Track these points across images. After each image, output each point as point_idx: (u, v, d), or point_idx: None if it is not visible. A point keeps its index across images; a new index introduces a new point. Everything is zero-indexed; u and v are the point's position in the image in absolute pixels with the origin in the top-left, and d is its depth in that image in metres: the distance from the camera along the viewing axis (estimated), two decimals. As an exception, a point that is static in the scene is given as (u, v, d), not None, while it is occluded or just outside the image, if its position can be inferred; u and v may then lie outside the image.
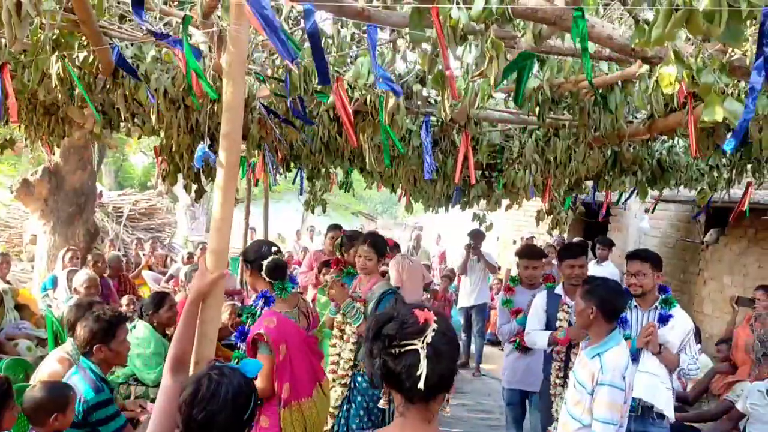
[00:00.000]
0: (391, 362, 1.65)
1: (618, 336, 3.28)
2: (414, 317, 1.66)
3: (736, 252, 7.95)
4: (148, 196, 14.39)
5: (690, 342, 3.91)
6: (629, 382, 3.16)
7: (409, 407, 1.68)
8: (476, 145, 4.80)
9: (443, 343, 1.66)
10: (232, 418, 1.97)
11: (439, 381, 1.64)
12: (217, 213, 2.25)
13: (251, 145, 4.89)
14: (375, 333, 1.70)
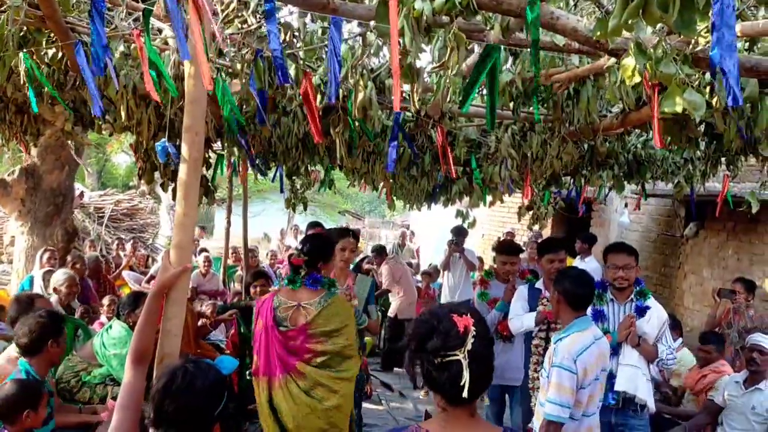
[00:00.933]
0: (434, 372, 1.74)
1: (583, 324, 3.34)
2: (455, 328, 1.73)
3: (715, 245, 8.02)
4: (130, 197, 14.30)
5: (666, 332, 3.97)
6: (587, 369, 3.19)
7: (452, 408, 1.78)
8: (453, 141, 4.80)
9: (482, 347, 1.75)
10: (203, 411, 1.97)
11: (481, 383, 1.74)
12: (180, 208, 2.24)
13: (228, 143, 4.88)
14: (418, 345, 1.77)
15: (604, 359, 3.37)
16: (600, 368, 3.29)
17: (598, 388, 3.31)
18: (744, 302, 6.32)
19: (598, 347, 3.30)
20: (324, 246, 3.92)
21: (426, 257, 13.53)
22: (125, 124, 3.82)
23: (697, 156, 4.93)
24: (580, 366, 3.18)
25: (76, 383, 4.31)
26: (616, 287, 3.96)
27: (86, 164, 16.76)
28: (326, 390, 3.68)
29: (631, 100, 3.32)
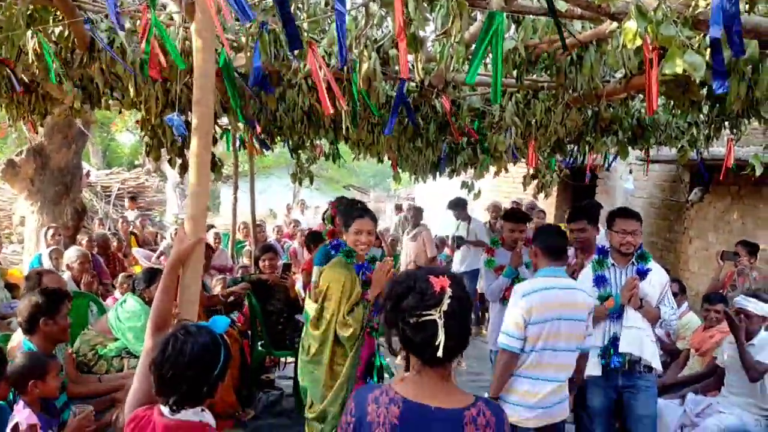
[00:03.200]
0: (410, 332, 1.75)
1: (550, 272, 3.57)
2: (431, 288, 1.74)
3: (720, 209, 8.04)
4: (136, 175, 14.37)
5: (667, 294, 4.03)
6: (533, 309, 3.40)
7: (426, 368, 1.79)
8: (457, 110, 4.82)
9: (458, 308, 1.74)
10: (200, 374, 2.04)
11: (456, 344, 1.75)
12: (193, 179, 2.30)
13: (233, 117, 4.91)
14: (393, 305, 1.79)
15: (561, 308, 3.45)
16: (553, 314, 3.42)
17: (548, 330, 3.42)
18: (747, 264, 6.37)
19: (555, 294, 3.46)
20: (345, 212, 4.17)
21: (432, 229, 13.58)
22: (133, 100, 3.86)
23: (700, 120, 4.94)
24: (526, 303, 3.41)
25: (93, 356, 4.42)
26: (622, 252, 4.00)
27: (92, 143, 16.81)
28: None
29: (634, 64, 3.34)
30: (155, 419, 2.04)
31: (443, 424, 1.74)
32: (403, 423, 1.75)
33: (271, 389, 6.36)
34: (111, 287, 6.79)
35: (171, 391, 2.02)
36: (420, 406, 1.76)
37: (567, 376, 3.57)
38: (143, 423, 2.06)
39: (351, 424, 1.81)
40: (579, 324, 3.56)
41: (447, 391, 1.80)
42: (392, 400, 1.78)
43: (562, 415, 3.61)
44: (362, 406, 1.80)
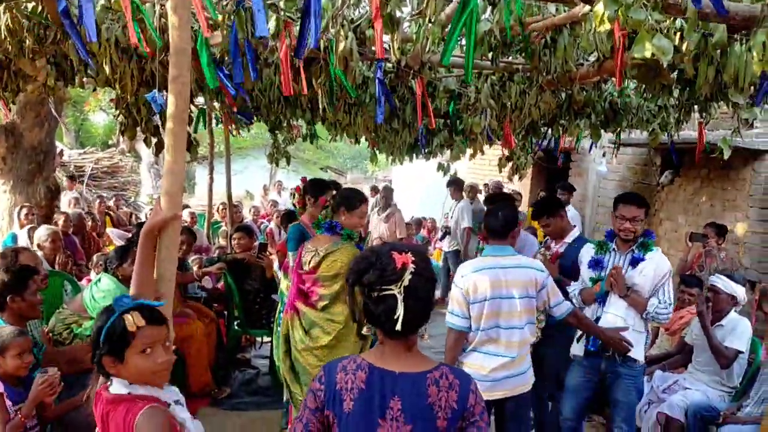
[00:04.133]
0: (371, 305, 1.81)
1: (494, 251, 3.64)
2: (392, 264, 1.80)
3: (689, 192, 8.20)
4: (110, 155, 14.20)
5: (665, 286, 3.93)
6: (473, 288, 3.47)
7: (389, 340, 1.86)
8: (433, 92, 4.86)
9: (420, 283, 1.81)
10: (93, 351, 2.10)
11: (416, 319, 1.82)
12: (169, 156, 2.31)
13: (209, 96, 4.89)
14: (355, 279, 1.85)
15: (500, 286, 3.50)
16: (492, 293, 3.48)
17: (489, 308, 3.48)
18: (715, 246, 6.53)
19: (494, 273, 3.50)
20: (349, 195, 4.13)
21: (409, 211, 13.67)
22: (108, 77, 3.83)
23: (670, 104, 5.02)
24: (466, 282, 3.49)
25: (68, 335, 4.41)
26: (622, 238, 3.99)
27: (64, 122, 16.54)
28: (320, 330, 3.99)
29: (606, 48, 3.39)
30: (103, 393, 2.08)
31: (407, 386, 1.81)
32: (369, 387, 1.82)
33: (247, 368, 6.40)
34: (86, 268, 6.75)
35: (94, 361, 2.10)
36: (385, 371, 1.84)
37: (519, 352, 3.59)
38: (98, 397, 2.10)
39: (321, 391, 1.88)
40: (525, 301, 3.57)
41: (411, 357, 1.88)
42: (359, 366, 1.86)
43: (518, 389, 3.64)
44: (332, 375, 1.88)
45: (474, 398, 1.85)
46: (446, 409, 1.79)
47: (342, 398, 1.83)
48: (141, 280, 2.31)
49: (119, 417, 1.99)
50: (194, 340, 5.34)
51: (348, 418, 1.81)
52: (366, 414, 1.80)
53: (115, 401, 2.03)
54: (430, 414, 1.79)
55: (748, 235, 7.10)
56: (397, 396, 1.80)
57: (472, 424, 1.82)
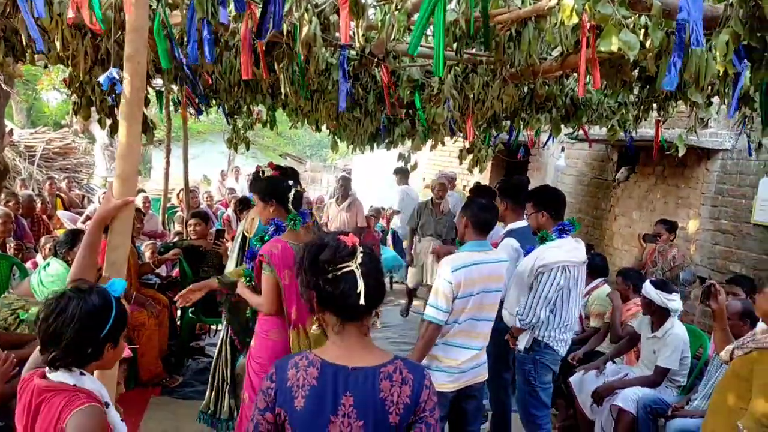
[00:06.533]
0: (329, 287, 1.78)
1: (477, 246, 3.66)
2: (343, 242, 1.80)
3: (644, 189, 8.35)
4: (62, 135, 13.77)
5: (535, 284, 3.96)
6: (462, 283, 3.48)
7: (345, 326, 1.83)
8: (396, 81, 4.80)
9: (371, 262, 1.82)
10: (82, 334, 1.96)
11: (374, 296, 1.81)
12: (123, 138, 2.22)
13: (167, 78, 4.75)
14: (311, 261, 1.81)
15: (487, 281, 3.59)
16: (478, 288, 3.54)
17: (472, 303, 3.55)
18: (667, 242, 6.67)
19: (480, 269, 3.56)
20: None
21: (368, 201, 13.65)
22: (60, 55, 3.68)
23: (630, 100, 5.09)
24: (455, 277, 3.48)
25: (14, 321, 4.27)
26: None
27: (15, 101, 15.99)
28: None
29: (570, 42, 3.38)
30: (35, 380, 1.98)
31: (360, 381, 1.79)
32: (321, 384, 1.79)
33: (201, 356, 6.30)
34: (33, 251, 6.54)
35: (50, 347, 1.95)
36: (338, 366, 1.81)
37: (483, 344, 3.72)
38: (26, 385, 2.00)
39: (272, 389, 1.83)
40: (498, 294, 3.74)
41: (365, 350, 1.85)
42: (311, 362, 1.82)
43: (478, 378, 3.77)
44: (283, 372, 1.83)
45: (427, 393, 1.82)
46: (399, 404, 1.77)
47: (293, 395, 1.79)
48: (82, 267, 2.22)
49: (53, 408, 1.90)
50: (145, 328, 5.22)
51: (299, 416, 1.78)
52: (317, 411, 1.77)
53: (51, 390, 1.94)
54: (382, 409, 1.76)
55: (700, 231, 7.27)
56: (349, 392, 1.77)
57: (420, 420, 1.79)
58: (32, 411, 1.93)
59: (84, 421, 1.86)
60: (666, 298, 4.77)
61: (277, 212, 3.70)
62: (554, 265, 3.89)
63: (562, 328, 4.04)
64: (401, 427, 1.78)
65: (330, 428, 1.76)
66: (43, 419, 1.90)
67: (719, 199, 7.06)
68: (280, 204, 3.69)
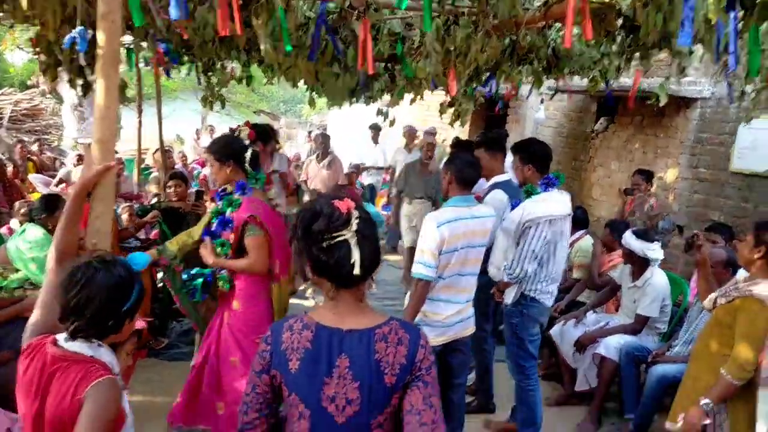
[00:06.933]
0: (323, 256, 1.74)
1: (462, 201, 3.65)
2: (337, 211, 1.75)
3: (623, 139, 8.38)
4: (29, 96, 13.38)
5: (523, 238, 3.97)
6: (447, 239, 3.48)
7: (340, 291, 1.80)
8: (377, 34, 4.69)
9: (367, 227, 1.77)
10: (106, 305, 1.94)
11: (370, 264, 1.77)
12: (101, 101, 2.13)
13: (138, 35, 4.60)
14: (304, 231, 1.77)
15: (472, 236, 3.60)
16: (462, 242, 3.55)
17: (457, 258, 3.56)
18: (646, 192, 6.73)
19: (465, 224, 3.57)
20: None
21: (347, 157, 13.54)
22: (26, 13, 3.52)
23: (612, 51, 5.03)
24: (440, 233, 3.48)
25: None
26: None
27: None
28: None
29: (555, -8, 3.33)
30: (47, 348, 1.95)
31: (354, 343, 1.78)
32: (315, 346, 1.78)
33: (184, 317, 6.27)
34: (6, 216, 6.40)
35: (72, 317, 1.93)
36: (332, 329, 1.79)
37: (468, 298, 3.76)
38: (36, 351, 1.96)
39: (267, 352, 1.83)
40: (482, 249, 3.74)
41: (360, 313, 1.83)
42: (306, 325, 1.81)
43: (464, 332, 3.81)
44: (278, 335, 1.83)
45: (423, 353, 1.81)
46: (394, 364, 1.77)
47: (288, 358, 1.79)
48: (66, 239, 2.15)
49: (69, 377, 1.88)
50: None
51: (294, 378, 1.78)
52: (312, 373, 1.77)
53: (67, 360, 1.91)
54: (377, 370, 1.76)
55: (679, 180, 7.34)
56: (344, 353, 1.77)
57: (417, 378, 1.79)
58: (44, 379, 1.91)
59: (105, 394, 1.86)
60: (646, 248, 4.82)
61: (234, 173, 3.65)
62: (541, 218, 3.89)
63: (548, 281, 4.07)
64: (397, 388, 1.77)
65: (325, 390, 1.76)
66: (58, 388, 1.88)
67: (698, 148, 7.10)
68: (237, 164, 3.64)
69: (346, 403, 1.75)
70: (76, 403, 1.83)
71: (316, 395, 1.76)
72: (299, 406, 1.79)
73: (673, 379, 4.23)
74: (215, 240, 3.67)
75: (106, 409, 1.84)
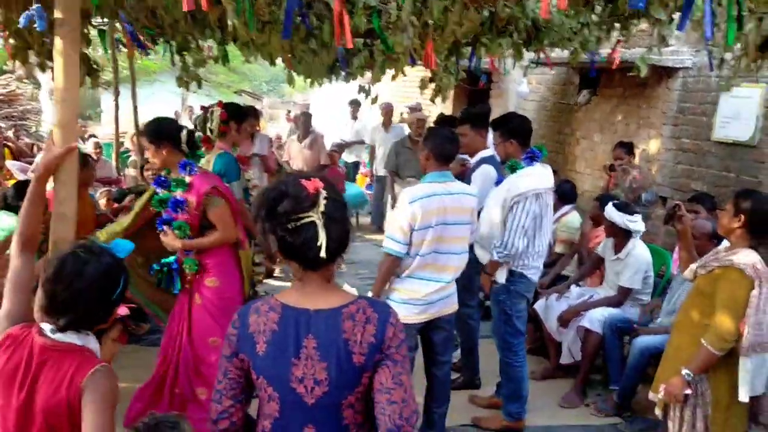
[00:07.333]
0: (289, 237, 1.69)
1: (438, 177, 3.61)
2: (304, 191, 1.69)
3: (606, 111, 8.34)
4: (5, 81, 13.13)
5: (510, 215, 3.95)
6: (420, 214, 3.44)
7: (308, 273, 1.77)
8: (352, 9, 4.60)
9: (335, 208, 1.72)
10: (98, 297, 1.93)
11: (337, 245, 1.73)
12: (60, 82, 2.06)
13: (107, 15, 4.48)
14: (268, 211, 1.71)
15: (446, 212, 3.53)
16: (437, 219, 3.50)
17: (432, 234, 3.51)
18: (628, 164, 6.72)
19: (440, 200, 3.52)
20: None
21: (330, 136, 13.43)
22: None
23: (593, 21, 4.97)
24: (413, 209, 3.45)
25: (-33, 276, 4.12)
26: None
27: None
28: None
29: (531, -40, 3.26)
30: (34, 338, 1.92)
31: (321, 323, 1.75)
32: (282, 328, 1.75)
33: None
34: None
35: (62, 313, 1.89)
36: (299, 310, 1.77)
37: (452, 276, 3.71)
38: (19, 342, 1.92)
39: (235, 336, 1.81)
40: (464, 227, 3.66)
41: (328, 292, 1.81)
42: (272, 307, 1.79)
43: (447, 310, 3.77)
44: (245, 318, 1.81)
45: (392, 330, 1.78)
46: (363, 343, 1.74)
47: (255, 341, 1.77)
48: (29, 224, 2.09)
49: (63, 367, 1.88)
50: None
51: (261, 360, 1.76)
52: (279, 355, 1.75)
53: (57, 350, 1.90)
54: (345, 349, 1.73)
55: (662, 152, 7.32)
56: (311, 334, 1.74)
57: (387, 357, 1.76)
58: (33, 369, 1.88)
59: (105, 381, 1.88)
60: (628, 220, 4.82)
61: (171, 154, 3.62)
62: (528, 193, 3.88)
63: (534, 256, 4.06)
64: (367, 367, 1.75)
65: (293, 371, 1.73)
66: (51, 378, 1.87)
67: (680, 118, 7.08)
68: (173, 146, 3.61)
69: (314, 384, 1.73)
70: (75, 390, 1.85)
71: (284, 377, 1.74)
72: (267, 389, 1.78)
73: (655, 350, 4.24)
74: (176, 223, 3.62)
75: (110, 395, 1.88)
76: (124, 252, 2.03)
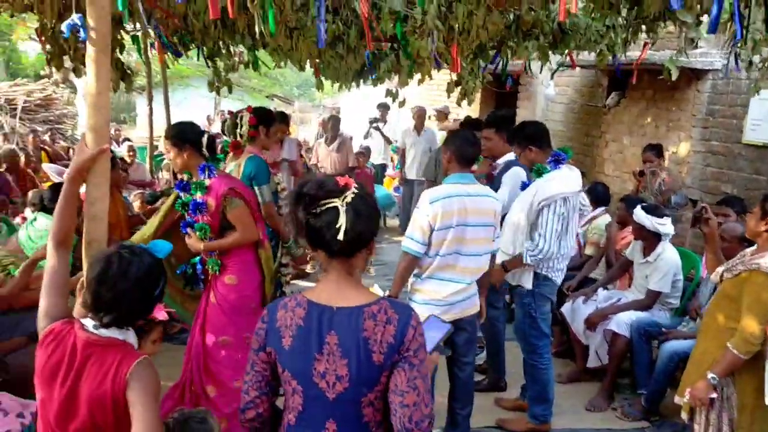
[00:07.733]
0: (312, 220, 1.77)
1: (460, 178, 3.62)
2: (334, 180, 1.79)
3: (635, 114, 8.26)
4: (42, 86, 13.46)
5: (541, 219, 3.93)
6: (440, 215, 3.45)
7: (331, 262, 1.84)
8: (378, 13, 4.65)
9: (362, 204, 1.78)
10: (141, 296, 2.02)
11: (358, 237, 1.78)
12: (92, 88, 2.14)
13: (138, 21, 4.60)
14: (296, 195, 1.80)
15: (467, 214, 3.53)
16: (458, 220, 3.50)
17: (452, 235, 3.51)
18: (657, 166, 6.64)
19: (461, 201, 3.52)
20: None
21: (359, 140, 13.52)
22: (26, 2, 3.53)
23: (619, 23, 4.95)
24: (433, 209, 3.46)
25: (5, 276, 4.26)
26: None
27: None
28: None
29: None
30: (76, 333, 2.00)
31: (344, 321, 1.81)
32: (307, 323, 1.82)
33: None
34: (21, 206, 6.48)
35: (107, 311, 1.98)
36: (323, 306, 1.83)
37: (473, 278, 3.70)
38: (61, 338, 2.01)
39: (263, 330, 1.89)
40: (486, 229, 3.65)
41: (352, 289, 1.86)
42: (298, 303, 1.86)
43: (468, 311, 3.76)
44: (273, 313, 1.89)
45: (413, 333, 1.82)
46: (382, 343, 1.78)
47: (281, 335, 1.84)
48: (62, 224, 2.18)
49: (107, 360, 1.96)
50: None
51: (287, 354, 1.83)
52: (303, 349, 1.81)
53: (100, 344, 1.99)
54: (365, 348, 1.78)
55: (691, 154, 7.24)
56: (334, 331, 1.80)
57: (404, 359, 1.80)
58: (78, 363, 1.97)
59: (148, 372, 1.98)
60: (657, 223, 4.78)
61: (191, 158, 3.68)
62: (556, 197, 3.87)
63: (560, 258, 4.06)
64: (386, 366, 1.79)
65: (316, 365, 1.80)
66: (96, 371, 1.96)
67: (710, 121, 6.99)
68: (194, 149, 3.68)
69: (335, 380, 1.79)
70: (120, 382, 1.93)
71: (307, 371, 1.81)
72: (292, 382, 1.85)
73: (684, 354, 4.18)
74: (198, 225, 3.71)
75: (154, 386, 1.97)
76: (163, 252, 2.11)
